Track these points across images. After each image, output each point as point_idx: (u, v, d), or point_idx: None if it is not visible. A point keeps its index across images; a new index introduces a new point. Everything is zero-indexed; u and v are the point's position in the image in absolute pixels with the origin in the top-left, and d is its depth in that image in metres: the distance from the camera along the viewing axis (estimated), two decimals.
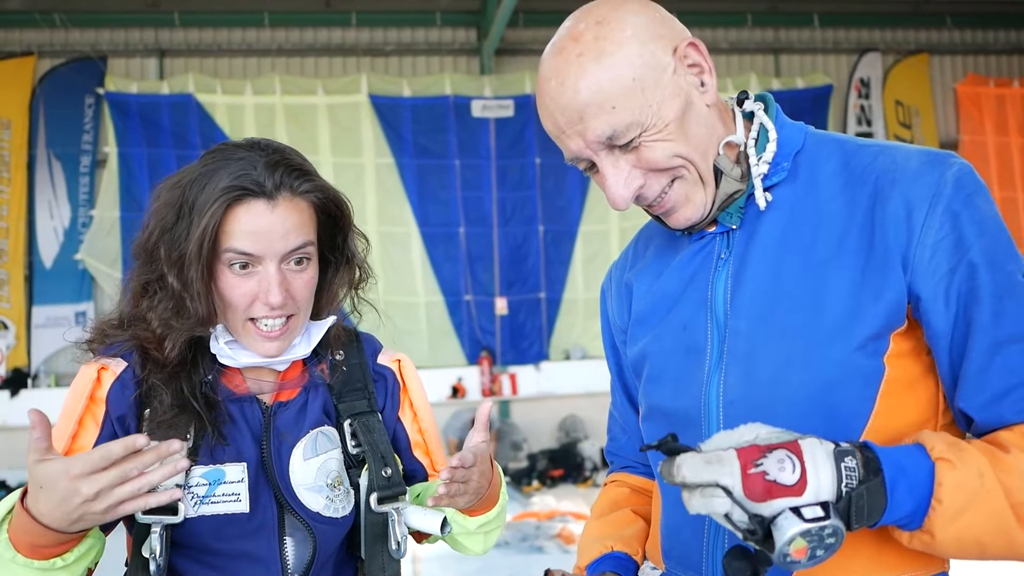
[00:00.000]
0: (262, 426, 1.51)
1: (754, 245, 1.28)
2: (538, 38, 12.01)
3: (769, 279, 1.25)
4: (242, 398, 1.52)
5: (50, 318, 10.94)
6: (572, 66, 1.21)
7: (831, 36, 12.95)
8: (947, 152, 1.22)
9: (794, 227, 1.26)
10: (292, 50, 11.65)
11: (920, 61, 13.17)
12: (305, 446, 1.52)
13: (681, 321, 1.34)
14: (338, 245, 1.58)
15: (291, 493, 1.48)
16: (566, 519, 7.44)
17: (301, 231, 1.44)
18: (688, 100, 1.24)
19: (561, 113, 1.24)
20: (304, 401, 1.56)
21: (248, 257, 1.41)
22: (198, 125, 10.97)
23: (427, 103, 11.42)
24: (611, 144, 1.24)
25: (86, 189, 11.11)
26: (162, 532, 1.37)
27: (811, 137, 1.32)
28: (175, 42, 11.48)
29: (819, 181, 1.27)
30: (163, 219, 1.44)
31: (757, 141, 1.30)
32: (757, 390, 1.23)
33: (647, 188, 1.27)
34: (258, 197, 1.40)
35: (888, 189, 1.20)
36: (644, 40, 1.21)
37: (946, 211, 1.15)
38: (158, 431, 1.41)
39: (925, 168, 1.19)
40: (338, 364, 1.62)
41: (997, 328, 1.14)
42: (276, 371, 1.57)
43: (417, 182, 11.33)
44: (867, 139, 1.29)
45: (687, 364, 1.32)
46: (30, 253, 11.06)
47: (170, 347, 1.44)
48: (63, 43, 11.23)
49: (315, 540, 1.47)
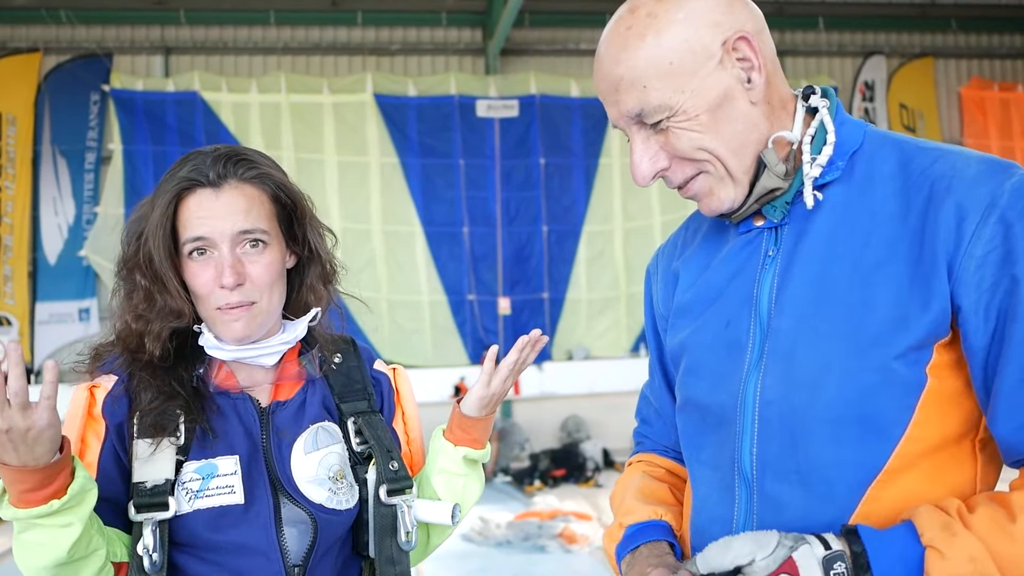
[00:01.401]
0: (258, 423, 1.53)
1: (803, 244, 1.25)
2: (543, 39, 12.02)
3: (816, 279, 1.22)
4: (234, 395, 1.55)
5: (54, 314, 10.96)
6: (619, 38, 1.21)
7: (836, 39, 12.94)
8: (1010, 162, 1.17)
9: (845, 228, 1.22)
10: (298, 49, 11.66)
11: (925, 64, 13.16)
12: (306, 441, 1.54)
13: (725, 316, 1.32)
14: (298, 238, 1.61)
15: (292, 486, 1.50)
16: (568, 519, 7.45)
17: (250, 214, 1.49)
18: (728, 94, 1.21)
19: (603, 80, 1.25)
20: (303, 399, 1.59)
21: (202, 241, 1.47)
22: (203, 123, 10.99)
23: (432, 103, 11.43)
24: (641, 121, 1.23)
25: (91, 186, 11.13)
26: (155, 528, 1.39)
27: (870, 136, 1.28)
28: (181, 40, 11.49)
29: (875, 182, 1.22)
30: (135, 231, 1.52)
31: (814, 139, 1.26)
32: (795, 392, 1.20)
33: (671, 172, 1.26)
34: (204, 186, 1.48)
35: (943, 195, 1.15)
36: (696, 25, 1.19)
37: (999, 222, 1.10)
38: (146, 424, 1.45)
39: (984, 176, 1.14)
40: (333, 363, 1.66)
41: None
42: (268, 369, 1.59)
43: (422, 181, 11.34)
44: (929, 141, 1.25)
45: (727, 360, 1.29)
46: (34, 249, 11.08)
47: (151, 342, 1.48)
48: (69, 40, 11.25)
49: (316, 530, 1.49)
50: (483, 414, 1.64)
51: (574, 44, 12.12)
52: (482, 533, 7.16)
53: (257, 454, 1.50)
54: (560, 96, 11.61)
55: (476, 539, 7.09)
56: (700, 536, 1.32)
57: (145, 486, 1.41)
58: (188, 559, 1.45)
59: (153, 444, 1.43)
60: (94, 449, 1.45)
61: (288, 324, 1.61)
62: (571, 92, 11.59)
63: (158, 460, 1.43)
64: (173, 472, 1.43)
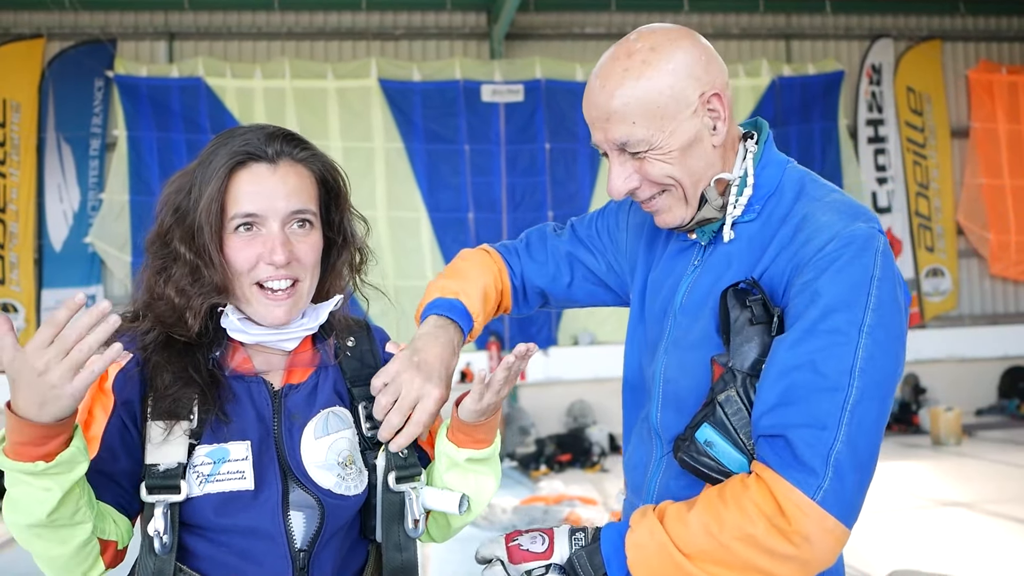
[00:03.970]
0: (271, 406, 1.53)
1: (713, 263, 1.56)
2: (548, 23, 11.98)
3: (706, 291, 1.53)
4: (249, 378, 1.55)
5: (59, 301, 10.94)
6: (616, 75, 1.46)
7: (843, 22, 12.88)
8: (866, 214, 1.42)
9: (741, 257, 1.52)
10: (302, 34, 11.63)
11: (932, 47, 13.09)
12: (316, 425, 1.55)
13: (660, 308, 1.65)
14: (334, 223, 1.62)
15: (302, 471, 1.50)
16: (574, 503, 7.45)
17: (302, 195, 1.51)
18: (697, 137, 1.48)
19: (595, 108, 1.49)
20: (315, 383, 1.59)
21: (252, 218, 1.48)
22: (208, 109, 10.98)
23: (437, 87, 11.41)
24: (623, 148, 1.49)
25: (95, 172, 11.14)
26: (166, 510, 1.40)
27: (787, 177, 1.55)
28: (184, 25, 11.48)
29: (773, 221, 1.50)
30: (174, 203, 1.50)
31: (740, 182, 1.54)
32: (681, 375, 1.54)
33: (640, 191, 1.53)
34: (260, 161, 1.49)
35: (799, 236, 1.44)
36: (681, 77, 1.44)
37: (815, 264, 1.38)
38: (161, 409, 1.45)
39: (830, 223, 1.41)
40: (347, 348, 1.66)
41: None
42: (284, 353, 1.60)
43: (427, 167, 11.33)
44: (824, 187, 1.52)
45: (656, 342, 1.63)
46: (40, 236, 11.10)
47: (191, 318, 1.48)
48: (72, 26, 11.24)
49: (323, 514, 1.50)
50: (482, 420, 1.62)
51: (579, 28, 12.07)
52: (488, 518, 7.16)
53: (268, 439, 1.51)
54: (565, 80, 11.59)
55: (482, 524, 7.11)
56: (632, 471, 1.69)
57: (158, 469, 1.42)
58: (197, 540, 1.46)
59: (167, 428, 1.44)
60: (100, 422, 1.45)
61: (310, 309, 1.61)
62: (576, 76, 11.56)
63: (171, 443, 1.43)
64: (185, 455, 1.44)
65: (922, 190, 12.96)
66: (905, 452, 9.98)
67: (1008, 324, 13.26)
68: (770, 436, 1.34)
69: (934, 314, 13.03)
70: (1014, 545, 5.79)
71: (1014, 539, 5.96)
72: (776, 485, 1.30)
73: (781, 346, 1.36)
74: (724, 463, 1.40)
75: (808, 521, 1.27)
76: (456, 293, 1.75)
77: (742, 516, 1.30)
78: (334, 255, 1.64)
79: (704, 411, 1.41)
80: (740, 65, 12.19)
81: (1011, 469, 8.66)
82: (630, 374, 1.73)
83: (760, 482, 1.32)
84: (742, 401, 1.39)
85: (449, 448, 1.62)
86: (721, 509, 1.32)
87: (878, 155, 12.86)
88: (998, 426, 11.58)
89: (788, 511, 1.28)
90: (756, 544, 1.29)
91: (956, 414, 10.40)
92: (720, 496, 1.34)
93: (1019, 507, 6.81)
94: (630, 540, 1.38)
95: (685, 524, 1.35)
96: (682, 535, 1.34)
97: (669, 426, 1.54)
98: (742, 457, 1.39)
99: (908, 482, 8.11)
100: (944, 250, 13.07)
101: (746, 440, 1.38)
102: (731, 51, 12.58)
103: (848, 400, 1.31)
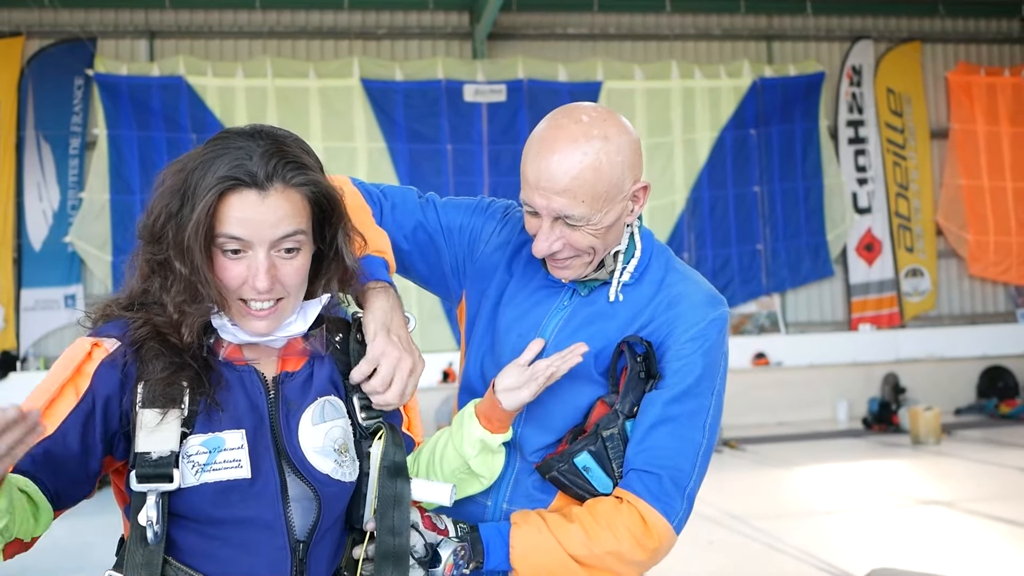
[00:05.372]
0: (264, 394, 1.53)
1: (586, 310, 1.81)
2: (531, 23, 11.99)
3: (578, 331, 1.79)
4: (240, 367, 1.54)
5: (39, 301, 10.91)
6: (575, 156, 1.64)
7: (824, 23, 12.96)
8: (721, 299, 1.80)
9: (613, 310, 1.79)
10: (284, 33, 11.60)
11: (912, 49, 13.19)
12: (313, 412, 1.55)
13: (515, 329, 1.86)
14: (327, 238, 1.60)
15: (300, 456, 1.50)
16: None
17: (291, 220, 1.47)
18: (620, 218, 1.72)
19: (546, 178, 1.66)
20: (309, 372, 1.59)
21: (239, 242, 1.44)
22: (189, 108, 10.93)
23: (419, 87, 11.39)
24: (559, 217, 1.67)
25: (75, 171, 11.07)
26: (158, 500, 1.39)
27: (655, 252, 1.85)
28: (165, 23, 11.42)
29: (642, 285, 1.80)
30: (168, 204, 1.47)
31: (624, 252, 1.81)
32: (549, 399, 1.77)
33: (560, 252, 1.72)
34: (250, 187, 1.44)
35: (675, 309, 1.76)
36: (625, 168, 1.67)
37: (694, 340, 1.74)
38: (155, 394, 1.43)
39: (702, 307, 1.76)
40: (336, 343, 1.66)
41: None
42: (275, 347, 1.60)
43: (409, 167, 11.32)
44: (680, 262, 1.87)
45: (500, 357, 1.83)
46: (19, 236, 11.02)
47: (187, 332, 1.47)
48: (52, 23, 11.16)
49: (320, 504, 1.50)
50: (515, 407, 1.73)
51: (562, 29, 12.09)
52: None
53: (263, 427, 1.50)
54: (548, 80, 11.60)
55: None
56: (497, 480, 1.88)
57: (150, 457, 1.39)
58: (186, 534, 1.45)
59: (160, 414, 1.42)
60: (68, 401, 1.43)
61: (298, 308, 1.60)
62: (559, 76, 11.58)
63: (164, 431, 1.41)
64: (178, 444, 1.42)
65: (902, 191, 13.06)
66: (885, 451, 10.04)
67: (987, 324, 13.38)
68: (643, 471, 1.69)
69: (913, 314, 13.13)
70: (993, 543, 5.84)
71: (993, 537, 6.01)
72: (646, 512, 1.67)
73: (658, 400, 1.71)
74: (595, 486, 1.72)
75: (666, 539, 1.69)
76: (381, 252, 1.88)
77: (613, 535, 1.67)
78: (324, 265, 1.62)
79: (585, 441, 1.72)
80: (722, 66, 12.24)
81: (990, 468, 8.72)
82: (472, 379, 1.92)
83: (631, 507, 1.68)
84: (620, 439, 1.72)
85: (485, 435, 1.71)
86: (595, 527, 1.68)
87: (858, 156, 12.94)
88: (977, 425, 11.65)
89: (655, 532, 1.67)
90: (620, 557, 1.68)
91: (935, 413, 10.45)
92: (593, 515, 1.69)
93: (997, 505, 6.87)
94: (516, 533, 1.68)
95: (567, 532, 1.68)
96: (565, 539, 1.68)
97: (530, 440, 1.81)
98: (610, 482, 1.72)
99: (888, 481, 8.16)
100: (923, 250, 13.17)
101: (617, 469, 1.72)
102: (713, 52, 12.63)
103: (701, 448, 1.73)
